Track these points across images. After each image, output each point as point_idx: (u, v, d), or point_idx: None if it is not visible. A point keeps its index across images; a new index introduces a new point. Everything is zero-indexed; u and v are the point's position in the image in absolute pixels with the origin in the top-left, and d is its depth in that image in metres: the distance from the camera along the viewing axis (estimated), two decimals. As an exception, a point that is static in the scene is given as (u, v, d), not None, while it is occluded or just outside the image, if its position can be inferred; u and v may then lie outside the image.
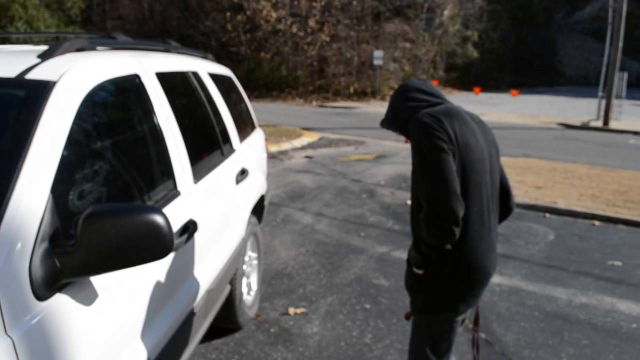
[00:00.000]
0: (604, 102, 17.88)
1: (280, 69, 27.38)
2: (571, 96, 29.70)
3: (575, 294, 4.40)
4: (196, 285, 2.37)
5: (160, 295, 1.98)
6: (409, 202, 7.13)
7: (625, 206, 7.08)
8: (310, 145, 12.16)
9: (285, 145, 11.88)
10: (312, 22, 26.96)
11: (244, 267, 3.56)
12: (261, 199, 3.97)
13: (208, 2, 29.81)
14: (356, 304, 4.09)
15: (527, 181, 8.44)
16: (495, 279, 4.66)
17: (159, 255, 1.47)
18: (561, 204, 7.10)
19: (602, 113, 17.91)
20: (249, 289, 3.77)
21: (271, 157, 10.45)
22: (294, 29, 26.85)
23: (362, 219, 6.34)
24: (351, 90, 26.40)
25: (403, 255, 5.15)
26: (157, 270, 1.95)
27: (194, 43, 29.51)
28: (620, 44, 17.41)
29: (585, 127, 17.47)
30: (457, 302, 2.10)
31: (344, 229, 5.93)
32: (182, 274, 2.20)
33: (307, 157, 10.59)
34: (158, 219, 1.43)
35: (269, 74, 27.28)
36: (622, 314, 4.08)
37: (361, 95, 26.31)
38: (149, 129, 2.22)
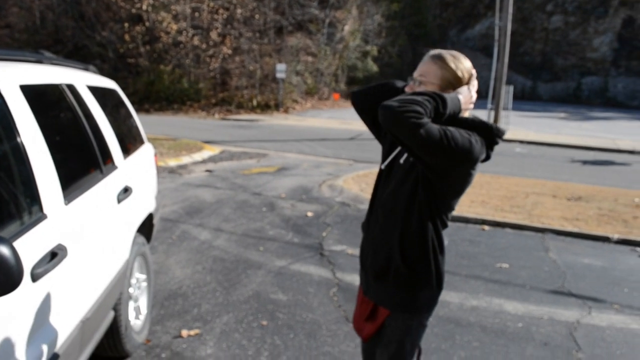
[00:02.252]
0: (493, 113, 19.02)
1: (182, 82, 26.75)
2: (464, 108, 31.34)
3: (466, 298, 4.58)
4: (67, 315, 2.19)
5: (19, 332, 1.80)
6: (309, 214, 7.19)
7: (512, 211, 7.52)
8: (212, 159, 11.93)
9: (185, 159, 11.57)
10: (213, 35, 26.61)
11: (131, 290, 3.38)
12: (149, 217, 3.79)
13: (105, 12, 28.60)
14: (253, 321, 4.00)
15: (423, 191, 8.74)
16: (392, 288, 4.75)
17: (4, 290, 1.33)
18: (454, 211, 7.40)
19: (491, 124, 19.01)
20: (138, 312, 3.57)
21: (170, 171, 10.14)
22: (196, 41, 26.37)
23: (261, 232, 6.27)
24: (254, 103, 26.29)
25: (302, 267, 5.14)
26: (13, 304, 1.77)
27: (90, 54, 28.21)
28: (506, 60, 18.64)
29: (477, 137, 18.47)
30: (435, 303, 2.12)
31: (243, 244, 5.82)
32: (48, 305, 2.02)
33: (207, 170, 10.36)
34: (1, 249, 1.29)
35: (170, 86, 26.55)
36: (509, 314, 4.29)
37: (264, 108, 26.25)
38: (10, 148, 2.03)
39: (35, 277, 1.89)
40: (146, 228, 3.81)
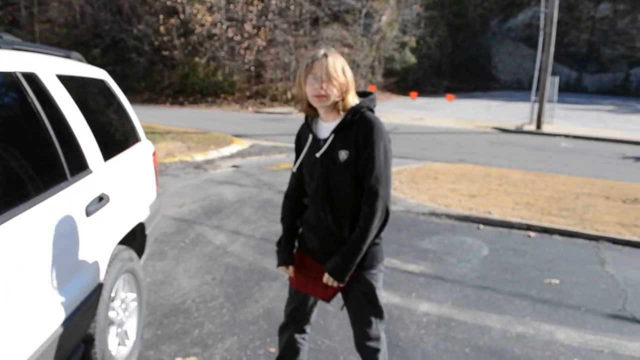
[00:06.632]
0: (536, 106, 18.02)
1: (216, 74, 26.47)
2: (505, 100, 30.18)
3: (510, 322, 3.94)
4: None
5: None
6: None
7: (561, 215, 6.79)
8: (240, 154, 11.49)
9: (212, 154, 11.16)
10: (248, 27, 26.20)
11: (112, 314, 2.89)
12: (140, 228, 3.30)
13: (141, 5, 28.61)
14: (260, 346, 3.47)
15: (461, 189, 8.08)
16: (424, 306, 4.16)
17: None
18: (496, 214, 6.74)
19: (535, 117, 18.06)
20: (124, 338, 3.08)
21: (196, 167, 9.75)
22: (230, 34, 26.01)
23: (282, 237, 5.73)
24: (289, 95, 25.79)
25: (322, 280, 4.58)
26: None
27: (127, 47, 28.37)
28: (552, 50, 17.61)
29: (519, 130, 17.55)
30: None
31: (260, 250, 5.31)
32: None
33: (234, 166, 9.92)
34: None
35: (205, 79, 26.32)
36: (561, 345, 3.62)
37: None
38: None
39: None
40: (137, 240, 3.32)
